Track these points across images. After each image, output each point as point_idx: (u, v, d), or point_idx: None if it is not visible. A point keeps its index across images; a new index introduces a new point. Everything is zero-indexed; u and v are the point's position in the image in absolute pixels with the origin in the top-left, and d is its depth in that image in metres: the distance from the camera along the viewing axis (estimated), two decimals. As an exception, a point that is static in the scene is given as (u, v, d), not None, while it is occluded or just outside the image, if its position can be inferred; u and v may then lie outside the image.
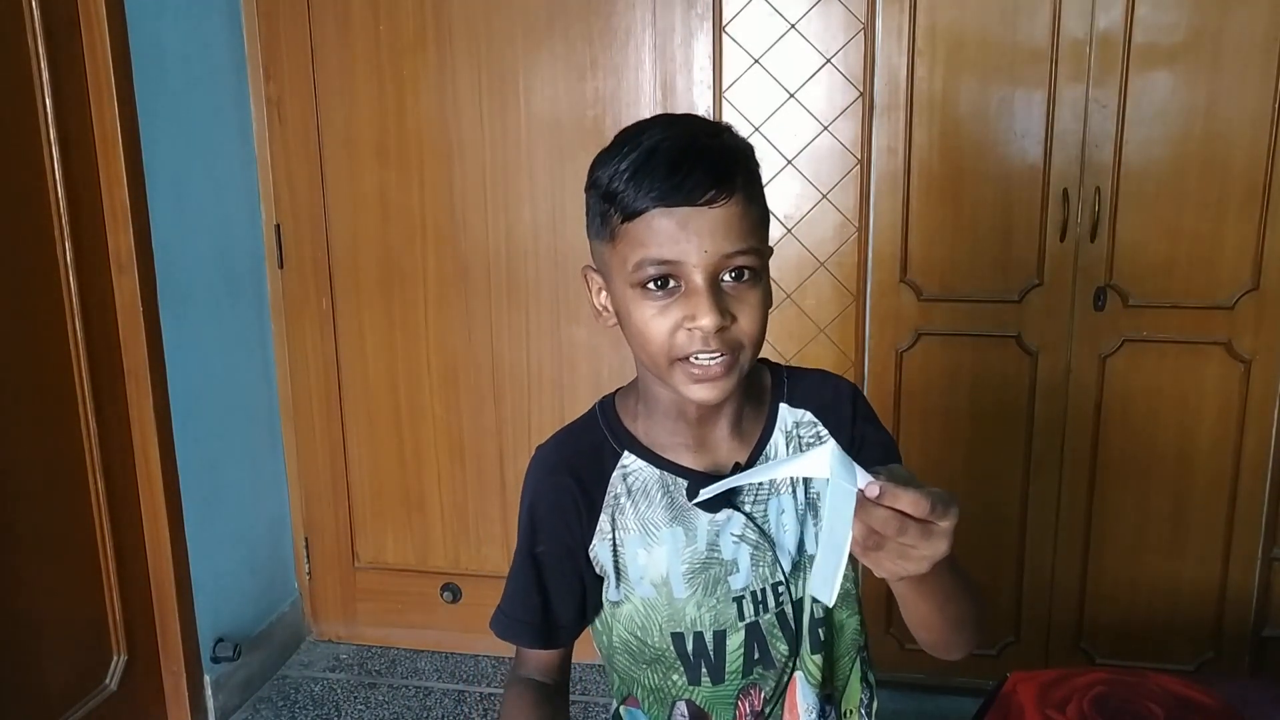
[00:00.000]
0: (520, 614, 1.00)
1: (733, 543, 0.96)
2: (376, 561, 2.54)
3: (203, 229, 2.18)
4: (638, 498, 0.95)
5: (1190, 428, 2.07)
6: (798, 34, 2.04)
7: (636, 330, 0.87)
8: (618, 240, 0.86)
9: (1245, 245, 1.96)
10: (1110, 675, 1.57)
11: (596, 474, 0.96)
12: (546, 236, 2.27)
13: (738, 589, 0.96)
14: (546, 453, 1.01)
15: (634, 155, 0.85)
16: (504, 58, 2.20)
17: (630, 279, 0.86)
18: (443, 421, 2.42)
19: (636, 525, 0.95)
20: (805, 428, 0.99)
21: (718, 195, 0.83)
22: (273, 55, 2.29)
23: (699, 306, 0.83)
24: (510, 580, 1.01)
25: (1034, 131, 2.00)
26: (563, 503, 0.97)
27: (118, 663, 2.01)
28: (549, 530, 0.98)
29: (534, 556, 0.98)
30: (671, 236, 0.83)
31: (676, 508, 0.95)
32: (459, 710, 2.30)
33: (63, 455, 1.88)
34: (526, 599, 0.99)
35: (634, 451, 0.96)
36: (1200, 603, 2.13)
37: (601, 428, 0.99)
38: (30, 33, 1.76)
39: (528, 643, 1.01)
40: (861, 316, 2.14)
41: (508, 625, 1.01)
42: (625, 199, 0.84)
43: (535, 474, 1.01)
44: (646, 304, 0.86)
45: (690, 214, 0.83)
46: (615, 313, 0.92)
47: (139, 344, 1.98)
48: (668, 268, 0.84)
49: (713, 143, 0.86)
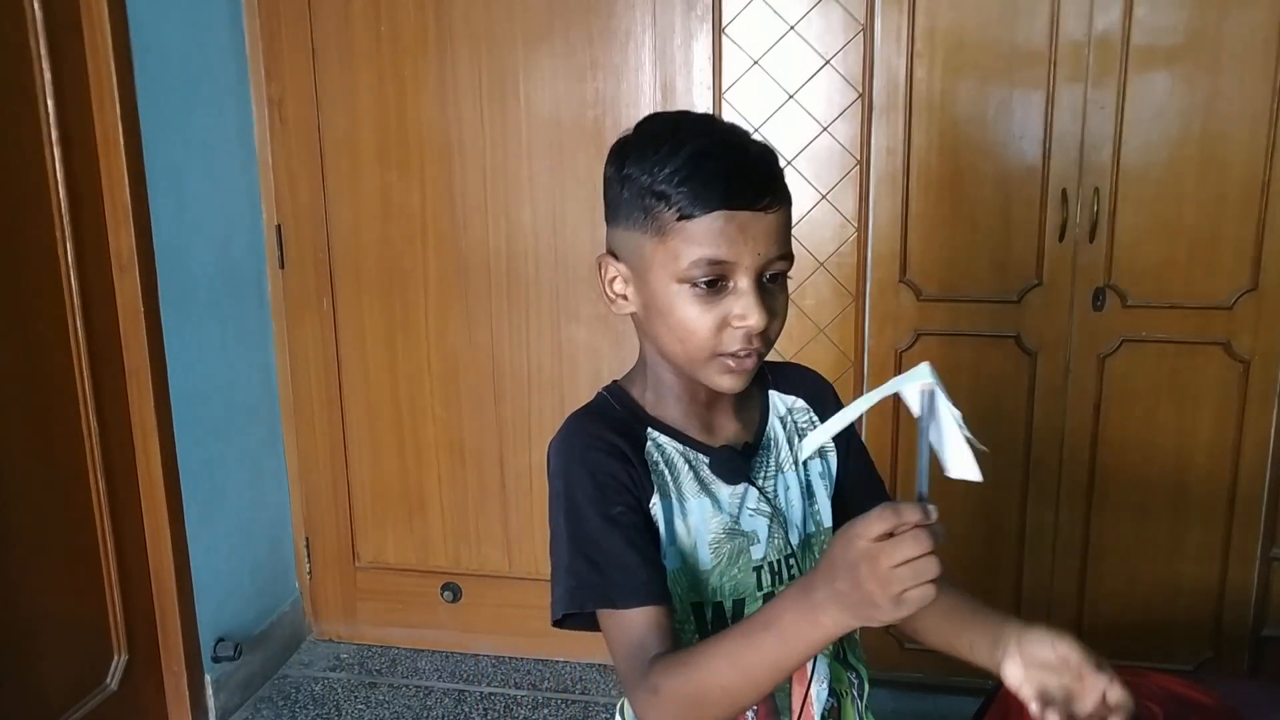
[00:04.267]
0: (623, 578, 0.89)
1: (749, 515, 0.98)
2: (377, 561, 2.54)
3: (204, 229, 2.18)
4: (667, 470, 0.97)
5: (1189, 428, 2.07)
6: (797, 35, 2.05)
7: (678, 323, 0.90)
8: (669, 236, 0.88)
9: (1244, 245, 1.97)
10: (1109, 674, 1.57)
11: (635, 442, 0.96)
12: (546, 236, 2.28)
13: (757, 559, 0.98)
14: (583, 424, 0.97)
15: (684, 156, 0.87)
16: (504, 58, 2.21)
17: (680, 275, 0.88)
18: (443, 421, 2.42)
19: (673, 492, 0.96)
20: (799, 413, 1.06)
21: (773, 202, 0.88)
22: (274, 55, 2.29)
23: (749, 307, 0.88)
24: (582, 558, 0.90)
25: (1033, 132, 2.00)
26: (622, 461, 0.94)
27: (118, 662, 2.01)
28: (616, 489, 0.93)
29: (611, 519, 0.91)
30: (730, 239, 0.86)
31: (701, 480, 0.97)
32: (459, 710, 2.30)
33: (63, 455, 1.88)
34: (623, 556, 0.89)
35: (655, 428, 0.98)
36: (1199, 603, 2.14)
37: (618, 408, 0.99)
38: (32, 33, 1.76)
39: (645, 598, 0.88)
40: (861, 317, 2.14)
41: (605, 594, 0.88)
42: (684, 198, 0.87)
43: (580, 441, 0.95)
44: (694, 301, 0.89)
45: (750, 218, 0.87)
46: (644, 305, 0.93)
47: (140, 344, 1.98)
48: (723, 268, 0.87)
49: (760, 149, 0.91)
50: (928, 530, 0.69)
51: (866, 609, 0.71)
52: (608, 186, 0.95)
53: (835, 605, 0.73)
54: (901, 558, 0.68)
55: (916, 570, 0.68)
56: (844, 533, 0.72)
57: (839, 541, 0.72)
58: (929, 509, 0.69)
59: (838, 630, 0.74)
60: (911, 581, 0.68)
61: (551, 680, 2.40)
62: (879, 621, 0.71)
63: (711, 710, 0.81)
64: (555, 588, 0.93)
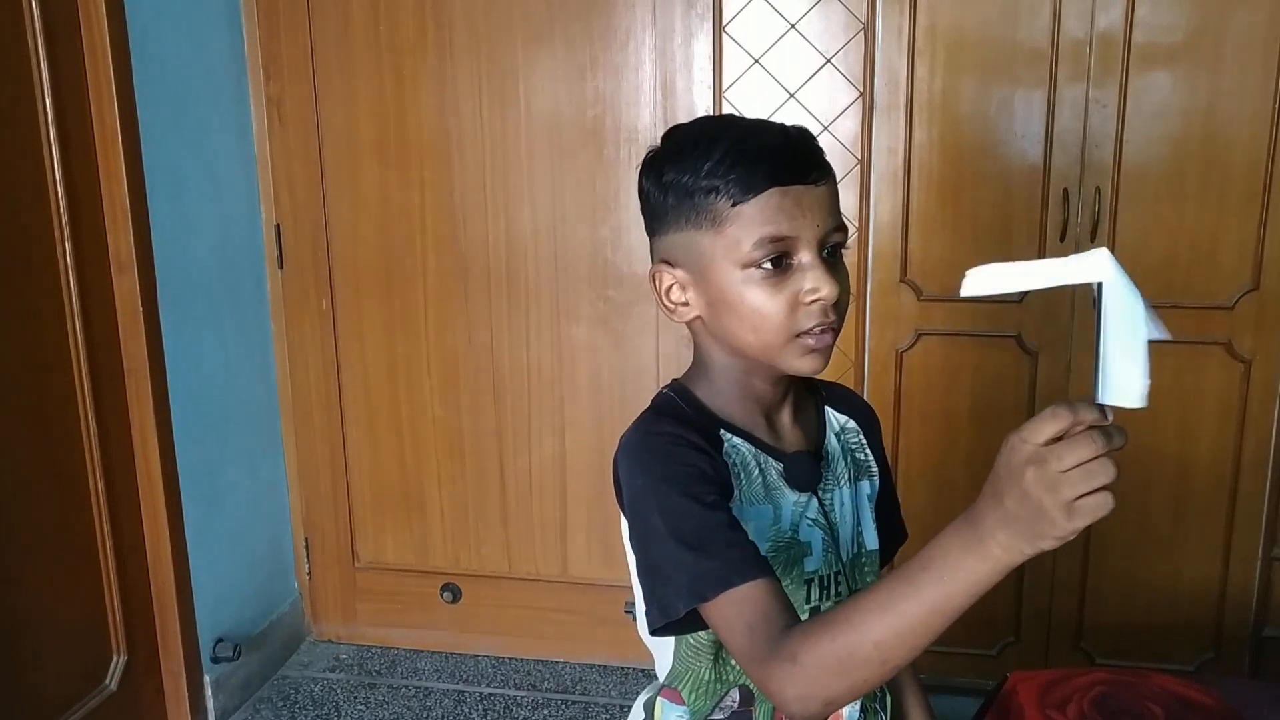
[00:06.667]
0: (739, 555, 0.83)
1: (808, 526, 0.97)
2: (376, 561, 2.54)
3: (203, 229, 2.18)
4: (741, 471, 0.94)
5: (1190, 428, 2.07)
6: (798, 34, 2.05)
7: (752, 310, 0.89)
8: (725, 225, 0.88)
9: (1245, 245, 1.96)
10: (1110, 675, 1.57)
11: (713, 442, 0.93)
12: (546, 236, 2.27)
13: (809, 571, 0.96)
14: (660, 422, 0.93)
15: (724, 147, 0.87)
16: (504, 58, 2.20)
17: (744, 259, 0.88)
18: (443, 421, 2.42)
19: (741, 495, 0.93)
20: (850, 434, 1.05)
21: (820, 174, 0.89)
22: (273, 55, 2.29)
23: (820, 279, 0.87)
24: (688, 550, 0.84)
25: (1034, 131, 2.00)
26: (708, 456, 0.90)
27: (118, 663, 2.01)
28: (706, 480, 0.88)
29: (710, 505, 0.86)
30: (789, 213, 0.87)
31: (768, 486, 0.95)
32: (458, 711, 2.30)
33: (63, 455, 1.88)
34: (730, 537, 0.84)
35: (728, 430, 0.95)
36: (1200, 603, 2.13)
37: (687, 409, 0.96)
38: (30, 33, 1.75)
39: (763, 570, 0.82)
40: (861, 316, 2.14)
41: (724, 577, 0.81)
42: (734, 184, 0.87)
43: (661, 439, 0.91)
44: (762, 285, 0.88)
45: (804, 192, 0.87)
46: (709, 303, 0.92)
47: (139, 344, 1.98)
48: (785, 244, 0.87)
49: (796, 128, 0.92)
50: (1102, 432, 0.62)
51: (1037, 524, 0.63)
52: (646, 199, 0.94)
53: (1004, 529, 0.65)
54: (1074, 460, 0.61)
55: (1089, 473, 0.61)
56: (1009, 439, 0.64)
57: (1004, 450, 0.65)
58: (1106, 410, 0.63)
59: (1009, 559, 0.66)
60: (1085, 487, 0.61)
61: (551, 681, 2.40)
62: (1053, 539, 0.64)
63: (860, 672, 0.72)
64: (662, 588, 0.86)
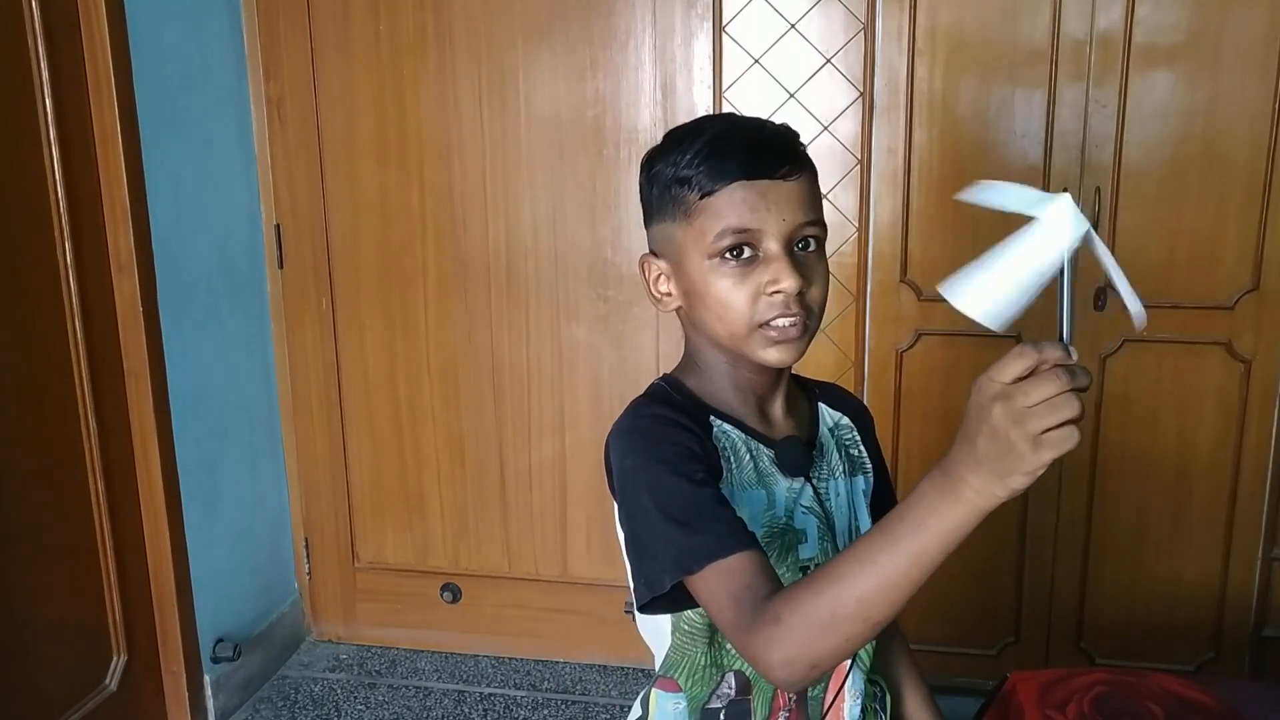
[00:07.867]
0: (726, 529, 0.84)
1: (803, 513, 0.98)
2: (376, 561, 2.54)
3: (203, 229, 2.18)
4: (731, 455, 0.95)
5: (1190, 428, 2.07)
6: (798, 34, 2.04)
7: (716, 300, 0.91)
8: (695, 216, 0.91)
9: (1245, 245, 1.96)
10: (1110, 675, 1.57)
11: (702, 427, 0.94)
12: (546, 236, 2.27)
13: (804, 558, 0.97)
14: (650, 406, 0.95)
15: (702, 141, 0.91)
16: (504, 58, 2.20)
17: (709, 249, 0.90)
18: (443, 421, 2.42)
19: (733, 480, 0.95)
20: (843, 430, 1.07)
21: (792, 170, 0.91)
22: (273, 55, 2.28)
23: (781, 271, 0.89)
24: (676, 525, 0.85)
25: (1034, 131, 2.00)
26: (696, 437, 0.92)
27: (118, 663, 2.01)
28: (694, 458, 0.89)
29: (697, 482, 0.87)
30: (752, 206, 0.89)
31: (760, 472, 0.96)
32: (459, 710, 2.30)
33: (63, 455, 1.88)
34: (717, 512, 0.85)
35: (717, 416, 0.97)
36: (1200, 603, 2.13)
37: (678, 397, 0.97)
38: (30, 33, 1.75)
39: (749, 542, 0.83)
40: (862, 316, 2.14)
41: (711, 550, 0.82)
42: (703, 176, 0.90)
43: (650, 421, 0.93)
44: (726, 275, 0.90)
45: (769, 186, 0.89)
46: (684, 293, 0.95)
47: (139, 344, 1.98)
48: (747, 236, 0.89)
49: (777, 126, 0.94)
50: (1067, 370, 0.63)
51: (1006, 459, 0.64)
52: (641, 192, 0.99)
53: (975, 472, 0.65)
54: (1039, 396, 0.63)
55: (1054, 407, 0.62)
56: (978, 380, 0.66)
57: (973, 390, 0.66)
58: (1070, 350, 0.65)
59: (982, 502, 0.66)
60: (1051, 420, 0.62)
61: (551, 681, 2.40)
62: (1023, 475, 0.64)
63: (844, 629, 0.72)
64: (648, 564, 0.87)
